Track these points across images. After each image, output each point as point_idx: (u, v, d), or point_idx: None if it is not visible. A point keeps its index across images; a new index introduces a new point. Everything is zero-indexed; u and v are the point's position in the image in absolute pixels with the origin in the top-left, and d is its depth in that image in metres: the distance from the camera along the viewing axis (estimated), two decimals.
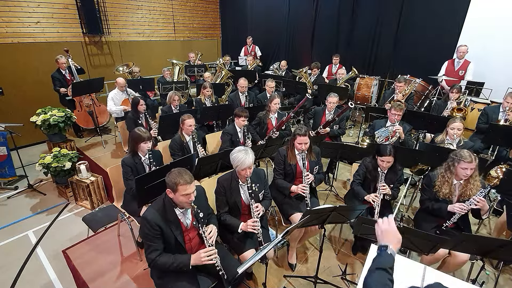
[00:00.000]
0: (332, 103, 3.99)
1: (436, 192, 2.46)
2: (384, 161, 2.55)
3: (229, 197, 2.31)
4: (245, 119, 3.52)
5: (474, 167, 2.29)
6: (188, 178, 1.82)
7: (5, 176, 4.53)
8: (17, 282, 2.89)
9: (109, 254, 2.76)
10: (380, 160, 2.58)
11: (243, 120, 3.51)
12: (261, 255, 1.76)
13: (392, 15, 6.21)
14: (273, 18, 8.32)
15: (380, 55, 6.67)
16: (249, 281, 2.53)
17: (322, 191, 3.77)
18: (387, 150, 2.53)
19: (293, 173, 2.72)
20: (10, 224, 3.75)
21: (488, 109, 4.03)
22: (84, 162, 4.11)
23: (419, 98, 5.44)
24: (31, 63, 5.77)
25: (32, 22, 5.74)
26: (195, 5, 8.78)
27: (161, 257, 1.85)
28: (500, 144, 3.43)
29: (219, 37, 9.85)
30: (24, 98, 5.69)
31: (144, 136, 2.75)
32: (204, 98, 4.75)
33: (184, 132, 3.36)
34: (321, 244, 2.26)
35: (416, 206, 3.00)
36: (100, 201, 4.16)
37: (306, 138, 2.59)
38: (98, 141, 5.29)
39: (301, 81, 5.98)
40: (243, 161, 2.15)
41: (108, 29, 6.81)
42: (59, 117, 4.50)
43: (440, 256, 2.32)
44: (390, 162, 2.56)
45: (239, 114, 3.52)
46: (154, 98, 6.16)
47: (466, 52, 4.90)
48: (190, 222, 2.00)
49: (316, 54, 7.66)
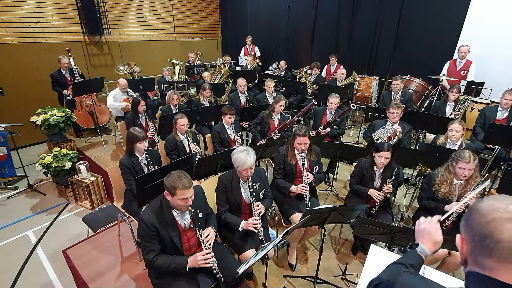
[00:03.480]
0: (334, 104, 3.99)
1: (435, 192, 2.46)
2: (382, 156, 2.56)
3: (230, 196, 2.31)
4: (231, 116, 3.62)
5: (473, 167, 2.29)
6: (187, 183, 1.80)
7: (5, 176, 4.53)
8: (17, 282, 2.89)
9: (109, 254, 2.76)
10: (378, 156, 2.59)
11: (229, 118, 3.62)
12: (261, 255, 1.76)
13: (392, 15, 6.21)
14: (273, 18, 8.32)
15: (380, 55, 6.67)
16: (249, 281, 2.53)
17: (322, 191, 3.77)
18: (385, 145, 2.56)
19: (293, 172, 2.72)
20: (10, 224, 3.75)
21: (486, 110, 4.04)
22: (84, 162, 4.11)
23: (419, 98, 5.44)
24: (31, 63, 5.77)
25: (32, 22, 5.74)
26: (195, 5, 8.78)
27: (158, 258, 1.85)
28: (500, 144, 3.43)
29: (219, 37, 9.85)
30: (24, 98, 5.69)
31: (140, 136, 2.75)
32: (202, 99, 4.75)
33: (178, 131, 3.40)
34: (321, 244, 2.26)
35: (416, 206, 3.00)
36: (100, 201, 4.16)
37: (305, 139, 2.60)
38: (98, 141, 5.29)
39: (301, 81, 5.98)
40: (244, 162, 2.16)
41: (108, 29, 6.81)
42: (59, 117, 4.50)
43: (440, 256, 2.32)
44: (388, 158, 2.57)
45: (225, 112, 3.62)
46: (154, 98, 6.16)
47: (467, 52, 4.91)
48: (188, 223, 1.99)
49: (316, 54, 7.65)
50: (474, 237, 0.67)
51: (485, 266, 0.65)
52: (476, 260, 0.67)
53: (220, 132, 3.66)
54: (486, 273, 0.65)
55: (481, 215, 0.66)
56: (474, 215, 0.68)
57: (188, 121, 3.42)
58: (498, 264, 0.63)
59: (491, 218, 0.64)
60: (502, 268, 0.62)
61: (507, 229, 0.61)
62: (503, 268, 0.62)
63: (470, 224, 0.69)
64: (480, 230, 0.66)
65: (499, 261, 0.62)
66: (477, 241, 0.66)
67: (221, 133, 3.66)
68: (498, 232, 0.62)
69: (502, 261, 0.62)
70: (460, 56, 4.99)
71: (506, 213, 0.63)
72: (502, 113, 3.87)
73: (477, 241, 0.66)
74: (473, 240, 0.67)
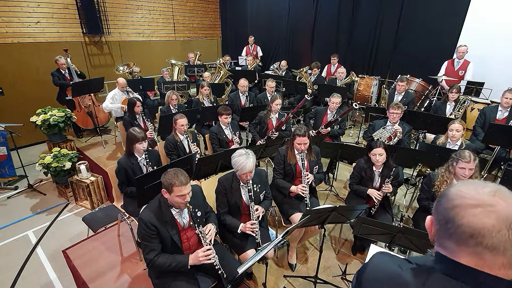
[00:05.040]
0: (335, 103, 3.99)
1: (435, 192, 2.46)
2: (376, 154, 2.57)
3: (230, 197, 2.31)
4: (228, 117, 3.60)
5: (473, 167, 2.29)
6: (184, 179, 1.81)
7: (5, 176, 4.53)
8: (17, 282, 2.89)
9: (109, 254, 2.76)
10: (372, 155, 2.60)
11: (225, 118, 3.60)
12: (261, 255, 1.76)
13: (392, 15, 6.21)
14: (273, 18, 8.32)
15: (380, 55, 6.67)
16: (249, 281, 2.53)
17: (322, 191, 3.77)
18: (377, 143, 2.59)
19: (292, 172, 2.72)
20: (10, 224, 3.75)
21: (486, 110, 4.04)
22: (84, 162, 4.11)
23: (419, 98, 5.44)
24: (31, 63, 5.76)
25: (32, 22, 5.74)
26: (195, 5, 8.78)
27: (159, 257, 1.85)
28: (500, 144, 3.43)
29: (219, 37, 9.84)
30: (24, 98, 5.69)
31: (139, 137, 2.75)
32: (202, 98, 4.74)
33: (178, 131, 3.40)
34: (321, 244, 2.26)
35: (416, 206, 3.00)
36: (100, 201, 4.16)
37: (305, 139, 2.59)
38: (98, 141, 5.29)
39: (301, 81, 5.98)
40: (243, 166, 2.15)
41: (108, 29, 6.81)
42: (59, 117, 4.50)
43: None
44: (382, 154, 2.58)
45: (221, 112, 3.60)
46: (154, 98, 6.16)
47: (466, 52, 4.90)
48: (187, 222, 1.99)
49: (316, 54, 7.65)
50: (439, 220, 0.70)
51: (446, 248, 0.69)
52: (440, 242, 0.72)
53: (217, 133, 3.65)
54: (448, 255, 0.69)
55: (448, 199, 0.69)
56: (442, 199, 0.71)
57: (188, 121, 3.42)
58: (458, 248, 0.66)
59: (456, 203, 0.66)
60: (461, 251, 0.66)
61: (469, 214, 0.64)
62: (462, 251, 0.65)
63: (438, 208, 0.72)
64: (445, 213, 0.68)
65: (458, 244, 0.65)
66: (442, 224, 0.69)
67: (218, 134, 3.65)
68: (459, 217, 0.65)
69: (461, 245, 0.65)
70: (458, 56, 4.98)
71: (472, 199, 0.65)
72: (502, 113, 3.88)
73: (442, 224, 0.69)
74: (439, 222, 0.71)
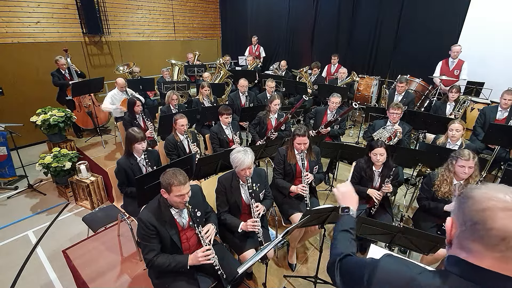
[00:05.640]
0: (335, 103, 3.99)
1: (435, 192, 2.46)
2: (377, 153, 2.57)
3: (230, 197, 2.31)
4: (228, 116, 3.60)
5: (472, 165, 2.30)
6: (182, 179, 1.81)
7: (5, 176, 4.53)
8: (17, 282, 2.89)
9: (109, 254, 2.76)
10: (373, 154, 2.59)
11: (226, 118, 3.59)
12: (261, 255, 1.76)
13: (392, 15, 6.21)
14: (273, 18, 8.32)
15: (380, 55, 6.67)
16: (249, 281, 2.53)
17: (322, 191, 3.77)
18: (378, 142, 2.58)
19: (292, 172, 2.72)
20: (10, 224, 3.75)
21: (486, 110, 4.04)
22: (84, 162, 4.11)
23: (419, 98, 5.44)
24: (31, 63, 5.77)
25: (32, 22, 5.74)
26: (195, 5, 8.78)
27: (158, 257, 1.85)
28: (500, 144, 3.43)
29: (219, 37, 9.84)
30: (24, 98, 5.69)
31: (138, 137, 2.74)
32: (202, 98, 4.74)
33: (178, 131, 3.39)
34: (321, 244, 2.26)
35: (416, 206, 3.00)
36: (100, 201, 4.16)
37: (305, 139, 2.60)
38: (98, 141, 5.29)
39: (301, 81, 5.98)
40: (242, 162, 2.15)
41: (108, 29, 6.81)
42: (59, 117, 4.49)
43: (440, 256, 2.32)
44: (383, 154, 2.57)
45: (222, 112, 3.59)
46: (154, 98, 6.16)
47: (460, 52, 4.89)
48: (186, 222, 1.99)
49: (316, 54, 7.65)
50: (465, 222, 0.70)
51: (471, 250, 0.69)
52: (462, 244, 0.71)
53: (218, 132, 3.65)
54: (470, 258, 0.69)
55: (475, 201, 0.69)
56: (468, 201, 0.71)
57: (187, 121, 3.42)
58: (486, 251, 0.66)
59: (485, 206, 0.67)
60: (488, 255, 0.66)
61: (500, 218, 0.64)
62: (489, 255, 0.65)
63: (463, 210, 0.71)
64: (473, 216, 0.68)
65: (487, 248, 0.65)
66: (468, 226, 0.69)
67: (219, 134, 3.65)
68: (491, 220, 0.65)
69: (489, 249, 0.65)
70: (453, 56, 4.97)
71: (501, 202, 0.65)
72: (502, 113, 3.88)
73: (468, 226, 0.69)
74: (465, 224, 0.70)
